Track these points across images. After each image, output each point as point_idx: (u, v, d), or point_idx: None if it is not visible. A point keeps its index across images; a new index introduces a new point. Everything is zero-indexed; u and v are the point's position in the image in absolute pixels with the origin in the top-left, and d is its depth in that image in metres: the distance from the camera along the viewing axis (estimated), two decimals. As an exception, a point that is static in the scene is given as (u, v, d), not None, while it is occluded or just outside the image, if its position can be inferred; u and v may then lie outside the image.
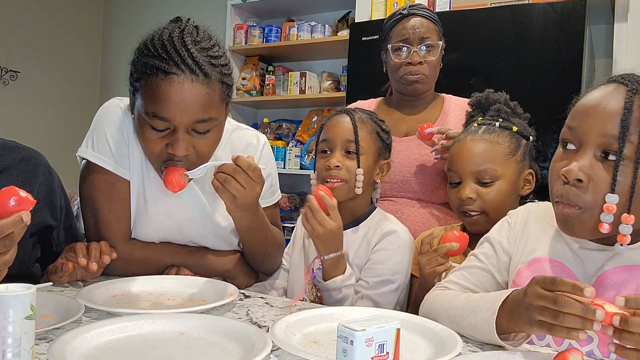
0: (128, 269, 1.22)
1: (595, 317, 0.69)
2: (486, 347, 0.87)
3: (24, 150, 1.22)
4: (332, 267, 1.18)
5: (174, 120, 1.08)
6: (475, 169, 1.25)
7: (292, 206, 3.55)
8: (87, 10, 4.48)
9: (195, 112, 1.08)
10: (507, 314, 0.82)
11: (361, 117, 1.31)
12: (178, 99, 1.06)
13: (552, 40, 2.12)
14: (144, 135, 1.12)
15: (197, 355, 0.79)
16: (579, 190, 0.84)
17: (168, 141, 1.10)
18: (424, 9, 1.68)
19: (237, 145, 1.34)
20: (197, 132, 1.11)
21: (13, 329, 0.63)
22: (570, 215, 0.86)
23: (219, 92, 1.12)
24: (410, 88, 1.67)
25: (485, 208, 1.24)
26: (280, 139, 3.70)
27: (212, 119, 1.12)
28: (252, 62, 3.76)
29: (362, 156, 1.27)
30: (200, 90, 1.08)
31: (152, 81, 1.07)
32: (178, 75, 1.06)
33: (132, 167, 1.23)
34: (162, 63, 1.06)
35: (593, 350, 0.87)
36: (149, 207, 1.25)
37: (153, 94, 1.07)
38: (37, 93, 4.11)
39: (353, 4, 2.97)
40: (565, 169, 0.85)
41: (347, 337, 0.62)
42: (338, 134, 1.29)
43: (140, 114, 1.11)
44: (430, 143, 1.54)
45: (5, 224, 0.74)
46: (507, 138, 1.27)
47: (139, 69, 1.10)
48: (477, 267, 1.04)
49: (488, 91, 1.42)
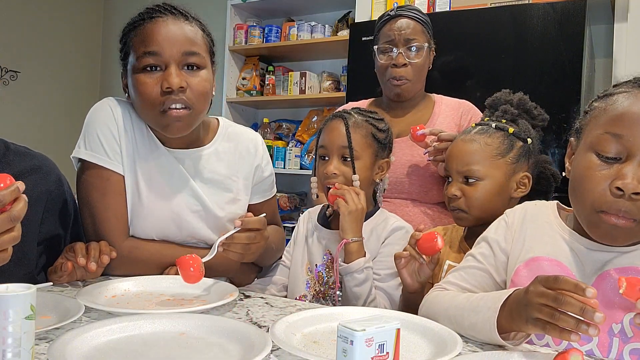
0: (128, 267, 1.22)
1: (594, 319, 0.69)
2: (486, 347, 0.87)
3: (35, 158, 1.22)
4: (357, 251, 1.23)
5: (163, 54, 1.17)
6: (461, 168, 1.28)
7: (292, 206, 3.55)
8: (87, 10, 4.48)
9: (183, 43, 1.18)
10: (507, 312, 0.82)
11: (356, 120, 1.32)
12: (164, 32, 1.18)
13: (552, 40, 2.12)
14: (138, 84, 1.19)
15: (197, 355, 0.79)
16: (637, 203, 0.82)
17: (163, 81, 1.17)
18: (413, 9, 1.68)
19: (236, 141, 1.38)
20: (189, 70, 1.20)
21: (13, 329, 0.63)
22: (622, 226, 0.84)
23: (201, 36, 1.23)
24: (393, 93, 1.68)
25: (468, 206, 1.26)
26: (280, 139, 3.70)
27: (199, 54, 1.21)
28: (252, 62, 3.76)
29: (358, 161, 1.29)
30: (184, 26, 1.21)
31: (139, 30, 1.20)
32: (162, 17, 1.20)
33: (124, 162, 1.24)
34: (146, 14, 1.21)
35: (593, 350, 0.87)
36: (145, 201, 1.25)
37: (141, 37, 1.19)
38: (37, 93, 4.11)
39: (353, 4, 2.97)
40: (622, 183, 0.82)
41: (347, 337, 0.62)
42: (333, 141, 1.31)
43: (133, 67, 1.20)
44: (422, 144, 1.55)
45: (6, 193, 0.77)
46: (499, 139, 1.28)
47: (127, 32, 1.23)
48: (475, 268, 1.04)
49: (504, 91, 1.42)
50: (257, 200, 1.42)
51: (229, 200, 1.34)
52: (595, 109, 0.91)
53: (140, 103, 1.21)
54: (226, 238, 1.13)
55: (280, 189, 3.76)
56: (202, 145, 1.33)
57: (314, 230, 1.38)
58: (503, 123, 1.32)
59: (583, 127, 0.93)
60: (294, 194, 3.62)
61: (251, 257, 1.19)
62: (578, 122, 0.96)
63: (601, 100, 0.91)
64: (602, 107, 0.89)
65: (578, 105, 2.01)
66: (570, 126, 0.99)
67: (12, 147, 1.20)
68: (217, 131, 1.37)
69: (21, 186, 0.79)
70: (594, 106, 0.92)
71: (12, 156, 1.18)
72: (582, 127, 0.94)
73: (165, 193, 1.26)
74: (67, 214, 1.27)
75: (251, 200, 1.40)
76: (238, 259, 1.17)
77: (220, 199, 1.32)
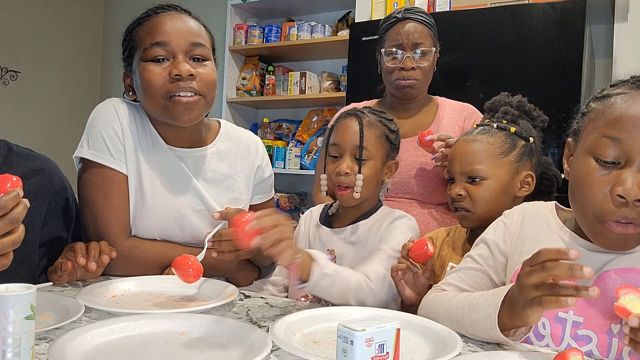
0: (128, 267, 1.22)
1: (583, 275, 0.71)
2: (486, 346, 0.87)
3: (38, 159, 1.22)
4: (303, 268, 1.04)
5: (171, 44, 1.19)
6: (464, 168, 1.28)
7: (292, 206, 3.55)
8: (87, 10, 4.48)
9: (189, 34, 1.22)
10: (507, 308, 0.82)
11: (370, 120, 1.31)
12: (171, 24, 1.22)
13: (552, 40, 2.12)
14: (146, 74, 1.20)
15: (197, 355, 0.79)
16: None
17: (170, 69, 1.19)
18: (420, 12, 1.68)
19: (237, 141, 1.39)
20: (195, 61, 1.22)
21: (13, 329, 0.63)
22: (631, 234, 0.83)
23: (205, 32, 1.27)
24: (402, 92, 1.68)
25: (473, 205, 1.27)
26: (280, 139, 3.70)
27: (205, 46, 1.24)
28: (252, 62, 3.76)
29: (370, 161, 1.28)
30: (189, 19, 1.25)
31: (145, 25, 1.23)
32: (167, 12, 1.23)
33: (128, 162, 1.25)
34: (151, 11, 1.24)
35: (592, 350, 0.87)
36: (148, 201, 1.25)
37: (147, 30, 1.21)
38: (37, 93, 4.11)
39: (353, 4, 2.97)
40: (623, 189, 0.80)
41: (347, 337, 0.62)
42: (347, 140, 1.29)
43: (140, 61, 1.22)
44: (430, 150, 1.55)
45: (8, 199, 0.78)
46: (501, 139, 1.29)
47: (131, 30, 1.25)
48: (473, 269, 1.04)
49: (503, 94, 1.43)
50: (257, 201, 1.43)
51: (230, 200, 1.34)
52: (593, 111, 0.89)
53: (147, 92, 1.21)
54: (213, 236, 1.13)
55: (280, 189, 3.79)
56: (204, 145, 1.34)
57: (316, 229, 1.38)
58: (504, 123, 1.33)
59: (581, 128, 0.92)
60: (294, 194, 3.62)
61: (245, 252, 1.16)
62: (575, 123, 0.95)
63: (598, 101, 0.89)
64: (599, 109, 0.88)
65: (578, 105, 2.01)
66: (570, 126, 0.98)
67: (15, 148, 1.20)
68: (218, 132, 1.38)
69: (21, 192, 0.80)
70: (592, 107, 0.90)
71: (15, 158, 1.18)
72: (580, 129, 0.92)
73: (168, 192, 1.27)
74: (70, 216, 1.28)
75: (251, 200, 1.41)
76: (233, 257, 1.16)
77: (222, 198, 1.32)
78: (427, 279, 1.16)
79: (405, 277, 1.16)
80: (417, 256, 1.13)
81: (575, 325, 0.88)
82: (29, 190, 1.16)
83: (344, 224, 1.32)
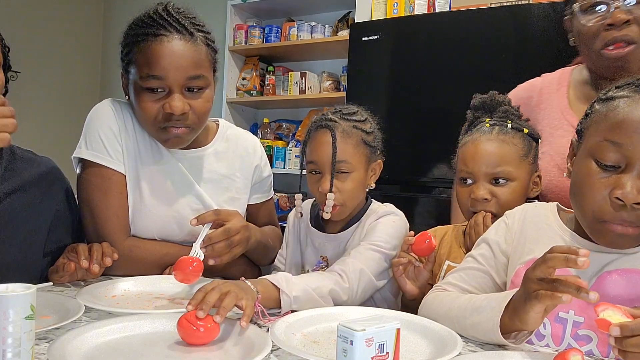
0: (128, 267, 1.22)
1: (577, 262, 0.72)
2: (486, 347, 0.87)
3: (41, 164, 1.22)
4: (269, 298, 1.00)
5: (167, 79, 1.15)
6: (491, 169, 1.22)
7: (292, 206, 3.55)
8: (87, 10, 4.48)
9: (187, 68, 1.16)
10: (510, 310, 0.82)
11: (344, 128, 1.24)
12: (169, 56, 1.15)
13: (552, 40, 2.12)
14: (140, 101, 1.18)
15: (197, 355, 0.79)
16: (639, 212, 0.82)
17: (164, 102, 1.16)
18: None
19: (235, 142, 1.40)
20: (191, 92, 1.18)
21: (13, 329, 0.63)
22: (631, 234, 0.84)
23: (205, 53, 1.21)
24: (612, 68, 1.19)
25: (499, 209, 1.21)
26: (280, 139, 3.70)
27: (203, 77, 1.19)
28: (252, 62, 3.76)
29: (352, 173, 1.23)
30: (188, 48, 1.17)
31: (143, 46, 1.16)
32: (167, 35, 1.16)
33: (126, 162, 1.25)
34: (151, 28, 1.16)
35: (592, 350, 0.87)
36: (146, 200, 1.26)
37: (145, 56, 1.15)
38: (37, 93, 4.10)
39: (353, 4, 2.97)
40: (622, 193, 0.81)
41: (347, 337, 0.62)
42: (324, 157, 1.23)
43: (135, 83, 1.18)
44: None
45: None
46: (520, 139, 1.25)
47: (130, 42, 1.19)
48: (475, 269, 1.04)
49: (492, 92, 1.38)
50: (255, 200, 1.44)
51: (228, 200, 1.35)
52: (596, 113, 0.89)
53: (140, 117, 1.23)
54: (203, 240, 1.13)
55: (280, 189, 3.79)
56: (202, 145, 1.34)
57: (307, 232, 1.35)
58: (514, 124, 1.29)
59: (584, 129, 0.92)
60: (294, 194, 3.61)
61: (239, 249, 1.20)
62: (579, 124, 0.95)
63: (602, 103, 0.89)
64: (603, 112, 0.87)
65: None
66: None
67: (18, 152, 1.20)
68: (216, 132, 1.39)
69: None
70: (595, 109, 0.90)
71: (19, 163, 1.18)
72: (584, 130, 0.92)
73: (167, 192, 1.27)
74: (74, 222, 1.28)
75: (250, 200, 1.42)
76: (229, 258, 1.18)
77: (219, 198, 1.33)
78: (430, 272, 1.16)
79: (407, 272, 1.16)
80: (420, 250, 1.12)
81: (576, 325, 0.88)
82: (34, 199, 1.16)
83: (336, 227, 1.30)
